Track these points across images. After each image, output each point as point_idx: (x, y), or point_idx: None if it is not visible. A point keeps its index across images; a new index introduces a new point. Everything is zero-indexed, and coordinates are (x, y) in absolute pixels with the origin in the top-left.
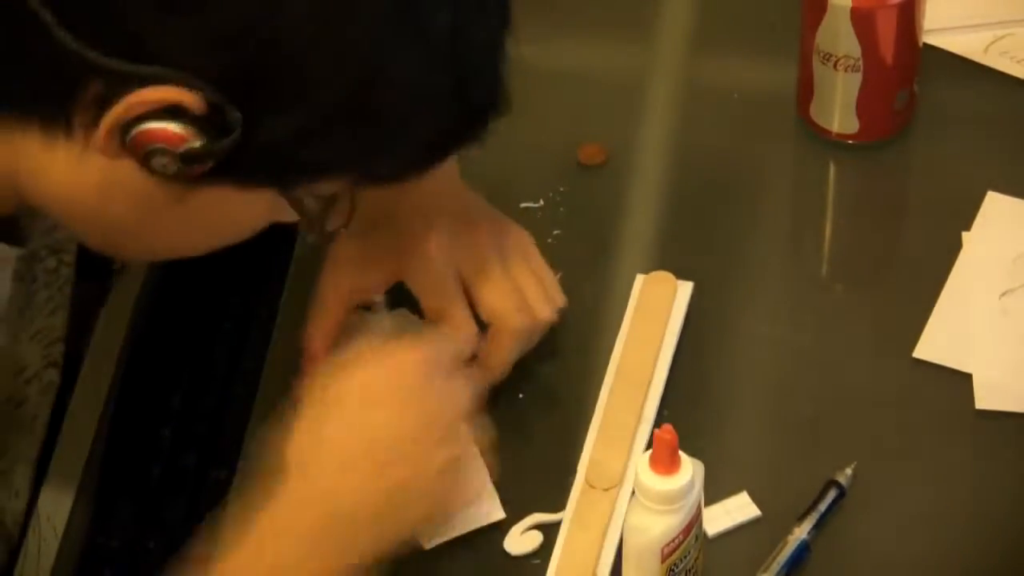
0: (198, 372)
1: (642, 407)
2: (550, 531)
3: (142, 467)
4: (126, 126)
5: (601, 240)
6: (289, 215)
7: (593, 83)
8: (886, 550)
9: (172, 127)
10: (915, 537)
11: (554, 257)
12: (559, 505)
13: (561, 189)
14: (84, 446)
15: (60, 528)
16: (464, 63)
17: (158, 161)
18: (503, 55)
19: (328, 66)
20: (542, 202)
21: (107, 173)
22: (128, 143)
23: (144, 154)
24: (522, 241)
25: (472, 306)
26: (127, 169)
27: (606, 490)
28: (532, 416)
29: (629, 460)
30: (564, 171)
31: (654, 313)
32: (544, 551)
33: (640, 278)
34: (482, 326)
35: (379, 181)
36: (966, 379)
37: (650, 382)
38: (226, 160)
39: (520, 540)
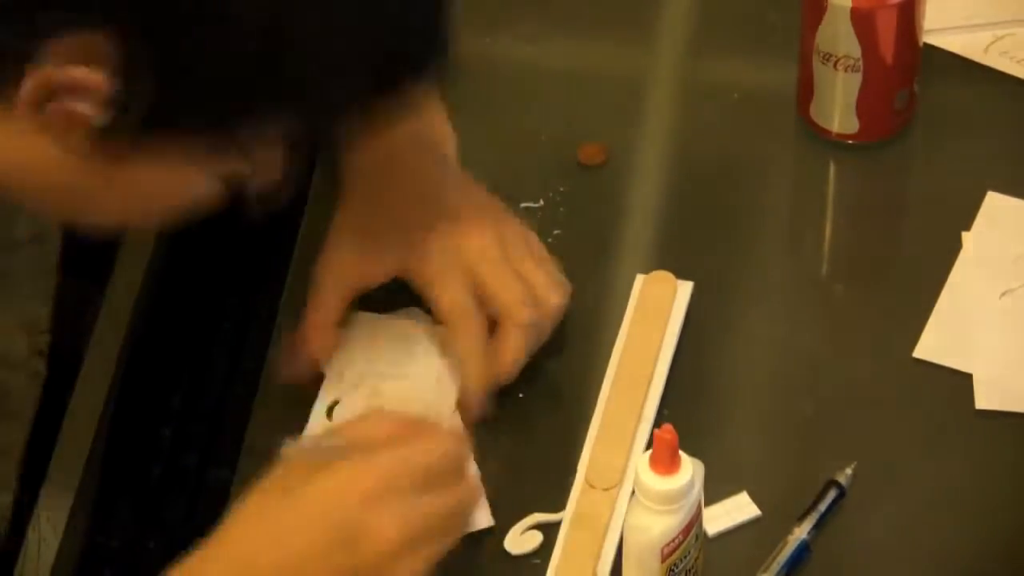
0: (198, 372)
1: (642, 407)
2: (550, 531)
3: (142, 467)
4: (41, 100)
5: (601, 240)
6: (210, 189)
7: (593, 83)
8: (886, 550)
9: (80, 105)
10: (915, 537)
11: (554, 257)
12: (559, 505)
13: (561, 189)
14: (84, 446)
15: (60, 528)
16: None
17: (73, 139)
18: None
19: (230, 26)
20: (542, 202)
21: (36, 152)
22: (45, 118)
23: (62, 128)
24: (522, 230)
25: (480, 299)
26: (52, 149)
27: (606, 490)
28: (532, 416)
29: (629, 460)
30: (564, 171)
31: (654, 313)
32: (544, 551)
33: (640, 278)
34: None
35: (315, 134)
36: (966, 379)
37: (650, 382)
38: (142, 132)
39: (520, 540)
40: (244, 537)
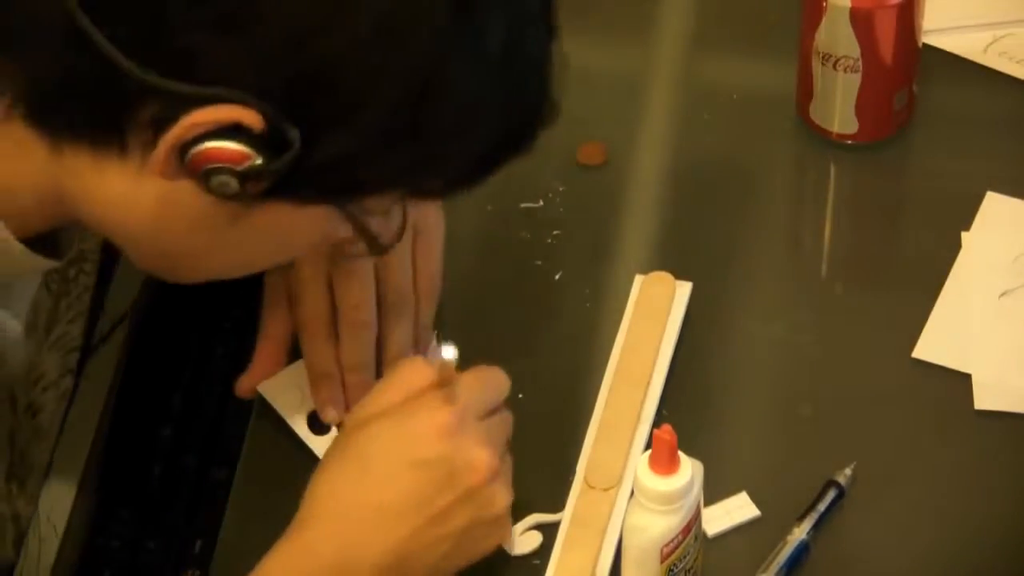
0: (198, 372)
1: (641, 407)
2: (549, 531)
3: (142, 467)
4: (184, 147)
5: (600, 240)
6: (344, 230)
7: (593, 83)
8: (885, 550)
9: (231, 146)
10: (914, 537)
11: (554, 257)
12: (558, 505)
13: (561, 189)
14: (84, 446)
15: (60, 528)
16: (517, 77)
17: (217, 180)
18: (551, 67)
19: (386, 82)
20: (542, 202)
21: (164, 194)
22: (186, 163)
23: (203, 174)
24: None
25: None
26: (184, 189)
27: (605, 490)
28: (532, 416)
29: (628, 460)
30: (564, 171)
31: (653, 313)
32: (543, 551)
33: (639, 278)
34: None
35: (429, 195)
36: (965, 379)
37: (649, 382)
38: (285, 177)
39: (520, 540)
40: (336, 498)
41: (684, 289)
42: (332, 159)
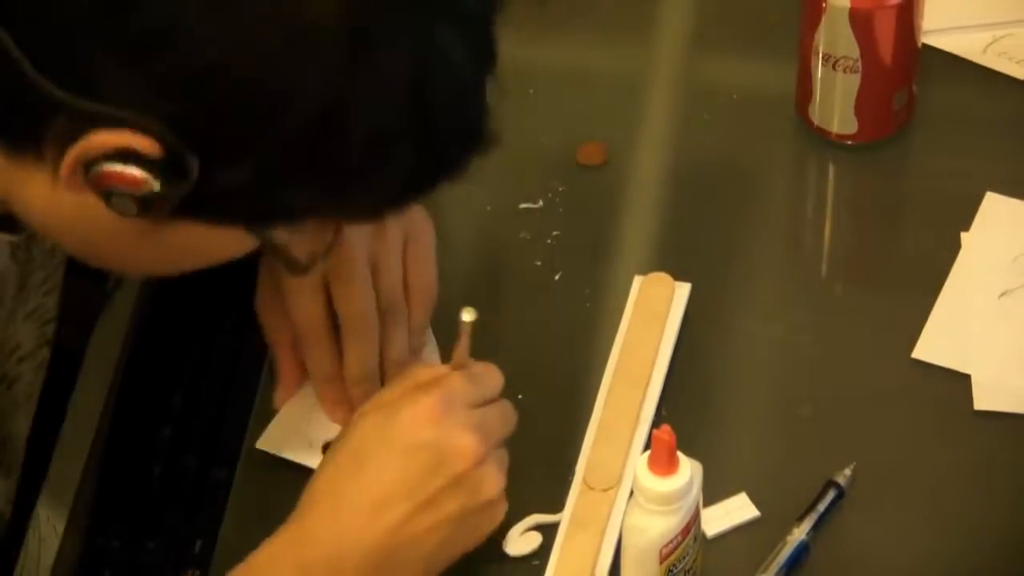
0: (198, 372)
1: (640, 408)
2: (549, 532)
3: (142, 467)
4: (88, 164)
5: (600, 240)
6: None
7: (593, 83)
8: (885, 550)
9: (129, 171)
10: (914, 537)
11: (553, 257)
12: (558, 506)
13: (561, 189)
14: (84, 446)
15: (60, 528)
16: (428, 111)
17: (118, 202)
18: (478, 98)
19: (283, 113)
20: (541, 202)
21: (78, 204)
22: (90, 180)
23: (105, 193)
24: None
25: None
26: (96, 203)
27: (605, 491)
28: (531, 416)
29: (627, 461)
30: (564, 171)
31: (652, 314)
32: (543, 552)
33: (638, 279)
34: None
35: (357, 219)
36: (965, 379)
37: (648, 383)
38: (188, 202)
39: (519, 541)
40: (331, 490)
41: (683, 290)
42: (232, 187)
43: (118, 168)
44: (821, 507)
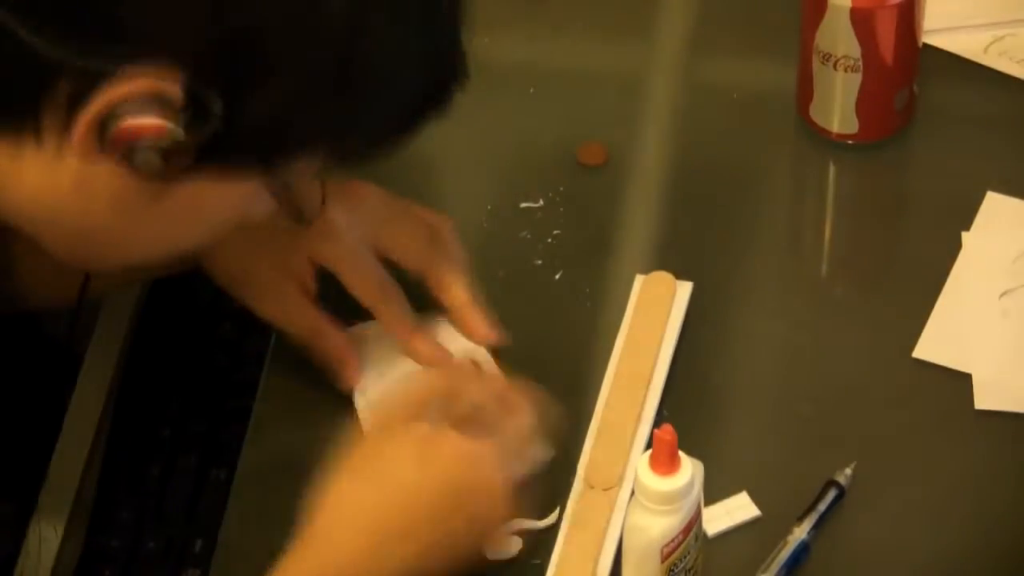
0: (198, 372)
1: (641, 407)
2: (549, 531)
3: (142, 467)
4: (104, 123)
5: (601, 240)
6: (264, 205)
7: (593, 83)
8: (886, 550)
9: (152, 120)
10: (914, 537)
11: (554, 257)
12: (558, 505)
13: (561, 189)
14: (84, 446)
15: (60, 528)
16: (435, 34)
17: (140, 157)
18: (467, 24)
19: (305, 42)
20: (542, 202)
21: (82, 178)
22: (107, 141)
23: (125, 151)
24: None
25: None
26: (103, 171)
27: (606, 490)
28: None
29: (628, 460)
30: (564, 171)
31: (653, 313)
32: (543, 552)
33: (639, 279)
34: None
35: (348, 159)
36: (965, 379)
37: (649, 382)
38: (209, 148)
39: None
40: (350, 515)
41: (684, 289)
42: (256, 123)
43: (139, 120)
44: (822, 507)
